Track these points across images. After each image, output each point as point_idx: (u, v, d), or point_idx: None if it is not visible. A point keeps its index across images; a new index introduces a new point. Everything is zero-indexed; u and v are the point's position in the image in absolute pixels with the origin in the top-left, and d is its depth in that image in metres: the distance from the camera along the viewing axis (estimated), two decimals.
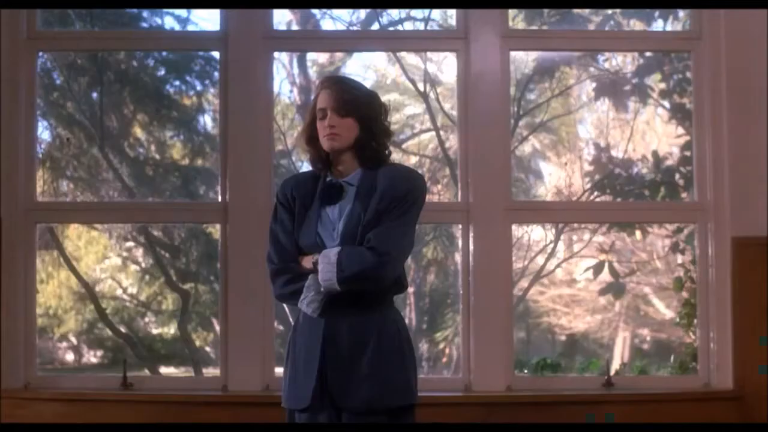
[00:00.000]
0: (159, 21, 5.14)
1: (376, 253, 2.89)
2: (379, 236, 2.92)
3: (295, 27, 5.14)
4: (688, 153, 4.74)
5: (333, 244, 2.97)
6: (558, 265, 5.55)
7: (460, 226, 4.46)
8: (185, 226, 5.32)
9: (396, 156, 5.19)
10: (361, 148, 3.03)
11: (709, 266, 4.42)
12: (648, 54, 4.98)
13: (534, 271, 5.21)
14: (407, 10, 5.04)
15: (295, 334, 3.07)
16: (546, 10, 4.89)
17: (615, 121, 5.18)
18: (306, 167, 3.24)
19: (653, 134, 5.39)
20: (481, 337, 4.34)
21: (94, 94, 5.11)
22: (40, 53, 4.64)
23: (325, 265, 2.91)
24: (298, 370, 3.01)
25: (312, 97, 3.13)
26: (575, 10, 4.89)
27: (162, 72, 5.45)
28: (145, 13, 5.09)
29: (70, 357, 6.43)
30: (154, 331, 5.97)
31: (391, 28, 5.12)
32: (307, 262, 2.99)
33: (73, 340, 6.36)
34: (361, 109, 3.01)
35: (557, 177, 5.25)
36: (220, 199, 4.46)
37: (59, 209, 4.71)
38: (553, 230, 5.14)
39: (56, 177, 5.08)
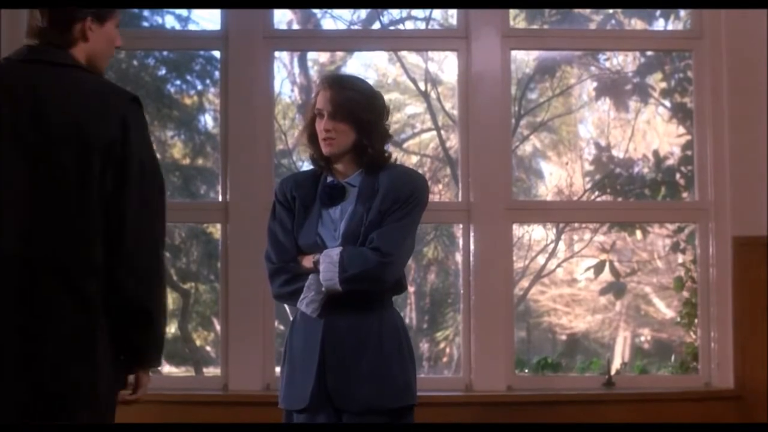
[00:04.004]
0: (159, 20, 5.14)
1: (379, 254, 2.87)
2: (382, 237, 2.89)
3: (295, 26, 5.13)
4: (689, 152, 4.73)
5: (334, 244, 2.94)
6: (559, 265, 5.55)
7: (460, 226, 4.45)
8: (186, 225, 5.32)
9: (397, 155, 5.19)
10: (359, 153, 3.00)
11: (709, 266, 4.41)
12: (649, 53, 4.97)
13: (535, 271, 5.22)
14: (408, 10, 5.04)
15: (293, 333, 3.03)
16: (547, 10, 4.89)
17: (616, 121, 5.18)
18: (307, 167, 3.21)
19: (654, 134, 5.38)
20: (481, 337, 4.33)
21: None
22: None
23: (327, 265, 2.88)
24: (295, 371, 2.98)
25: (313, 95, 3.08)
26: (576, 10, 4.88)
27: (162, 71, 5.45)
28: (146, 13, 5.09)
29: None
30: None
31: (392, 28, 5.12)
32: (307, 261, 2.95)
33: None
34: (358, 113, 2.94)
35: (558, 176, 5.25)
36: (220, 199, 4.45)
37: None
38: (554, 230, 5.15)
39: None
